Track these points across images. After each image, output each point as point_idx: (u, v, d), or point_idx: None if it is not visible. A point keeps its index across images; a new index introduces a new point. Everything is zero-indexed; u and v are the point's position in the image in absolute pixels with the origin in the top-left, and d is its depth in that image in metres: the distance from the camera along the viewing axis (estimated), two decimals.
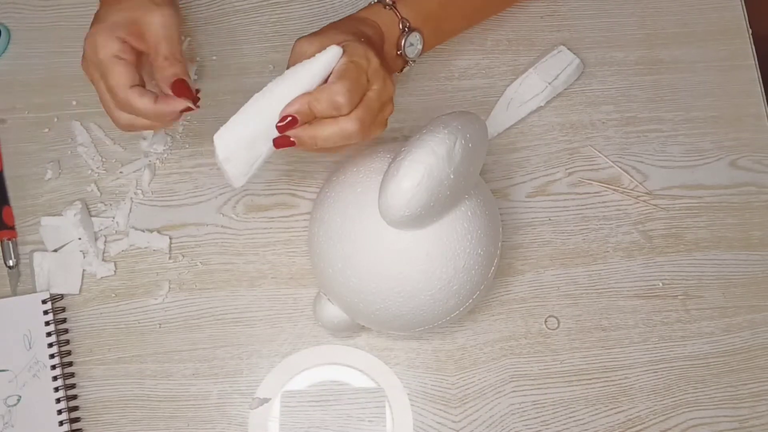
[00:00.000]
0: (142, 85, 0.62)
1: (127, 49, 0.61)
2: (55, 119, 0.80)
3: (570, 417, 0.73)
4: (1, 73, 0.81)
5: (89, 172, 0.78)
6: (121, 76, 0.60)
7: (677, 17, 0.85)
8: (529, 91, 0.80)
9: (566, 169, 0.80)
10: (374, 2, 0.68)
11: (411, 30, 0.68)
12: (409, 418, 0.72)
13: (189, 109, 0.61)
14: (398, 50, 0.68)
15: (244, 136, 0.59)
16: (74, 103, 0.80)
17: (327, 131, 0.59)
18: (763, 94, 0.82)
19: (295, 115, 0.58)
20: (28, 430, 0.71)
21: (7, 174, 0.78)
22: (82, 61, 0.63)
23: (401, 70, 0.71)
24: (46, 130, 0.80)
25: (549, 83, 0.80)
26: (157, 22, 0.61)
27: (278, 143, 0.59)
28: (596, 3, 0.84)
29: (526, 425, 0.73)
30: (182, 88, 0.60)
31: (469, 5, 0.75)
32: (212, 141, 0.58)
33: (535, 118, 0.81)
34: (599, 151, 0.80)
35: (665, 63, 0.83)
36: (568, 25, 0.84)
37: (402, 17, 0.68)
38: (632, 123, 0.81)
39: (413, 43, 0.69)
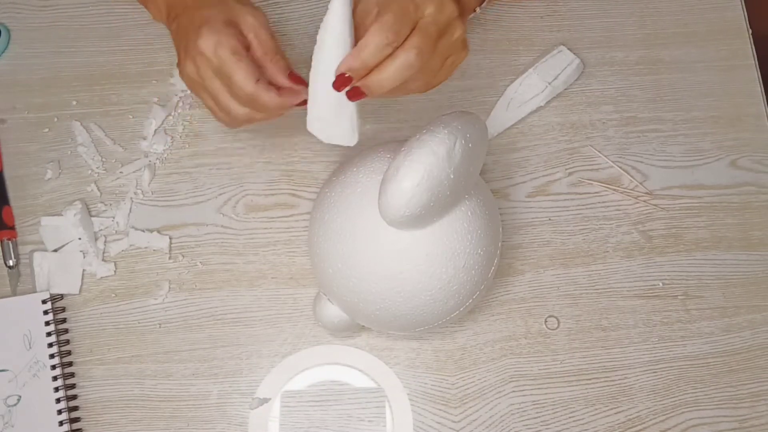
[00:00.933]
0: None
1: (242, 46, 0.61)
2: (55, 119, 0.80)
3: (570, 417, 0.73)
4: (1, 73, 0.81)
5: (89, 172, 0.78)
6: (247, 71, 0.60)
7: (677, 17, 0.85)
8: (529, 91, 0.80)
9: (566, 169, 0.80)
10: None
11: None
12: (409, 418, 0.72)
13: (304, 102, 0.62)
14: None
15: (325, 114, 0.61)
16: (74, 103, 0.80)
17: (388, 71, 0.58)
18: (763, 94, 0.82)
19: (349, 74, 0.58)
20: (28, 430, 0.71)
21: (7, 174, 0.78)
22: (186, 65, 0.62)
23: (479, 6, 0.68)
24: (46, 130, 0.80)
25: (549, 83, 0.80)
26: (254, 21, 0.63)
27: (350, 95, 0.59)
28: (596, 3, 0.85)
29: (526, 425, 0.73)
30: (299, 79, 0.62)
31: None
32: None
33: (535, 118, 0.81)
34: (599, 151, 0.80)
35: (665, 63, 0.83)
36: (568, 25, 0.84)
37: None
38: (632, 123, 0.81)
39: None
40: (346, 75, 0.58)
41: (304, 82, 0.62)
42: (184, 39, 0.63)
